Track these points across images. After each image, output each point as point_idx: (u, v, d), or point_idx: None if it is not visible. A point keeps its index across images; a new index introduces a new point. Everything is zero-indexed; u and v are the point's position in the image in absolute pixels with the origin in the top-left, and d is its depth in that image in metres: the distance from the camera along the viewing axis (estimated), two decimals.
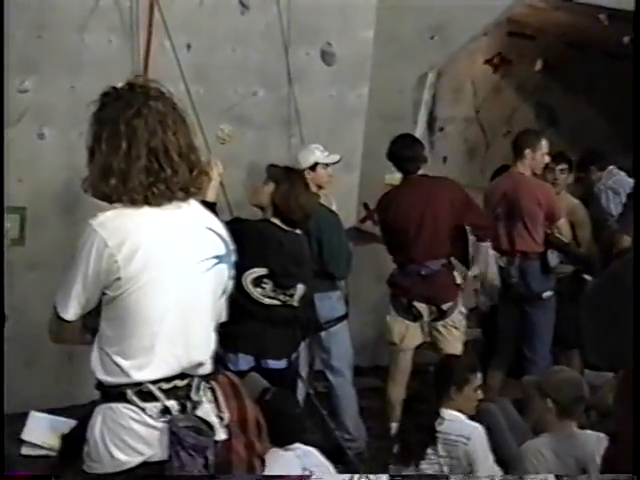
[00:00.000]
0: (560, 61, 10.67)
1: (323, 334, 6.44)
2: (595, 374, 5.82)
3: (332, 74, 7.66)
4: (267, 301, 5.36)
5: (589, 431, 4.77)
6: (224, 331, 3.31)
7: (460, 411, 5.06)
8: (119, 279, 2.97)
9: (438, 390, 5.11)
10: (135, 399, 3.01)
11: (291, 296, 5.43)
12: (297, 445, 4.62)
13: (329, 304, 6.42)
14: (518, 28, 10.21)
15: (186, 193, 3.11)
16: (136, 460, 3.01)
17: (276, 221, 5.45)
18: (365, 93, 7.85)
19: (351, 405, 6.57)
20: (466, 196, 6.53)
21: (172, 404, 3.05)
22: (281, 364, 5.46)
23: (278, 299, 5.38)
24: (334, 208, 6.73)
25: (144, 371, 3.01)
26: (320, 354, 6.54)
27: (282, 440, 4.47)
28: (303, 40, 7.36)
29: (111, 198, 3.04)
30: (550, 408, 4.72)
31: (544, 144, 6.97)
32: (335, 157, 6.60)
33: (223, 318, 3.34)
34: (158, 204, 3.04)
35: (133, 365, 3.00)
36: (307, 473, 4.49)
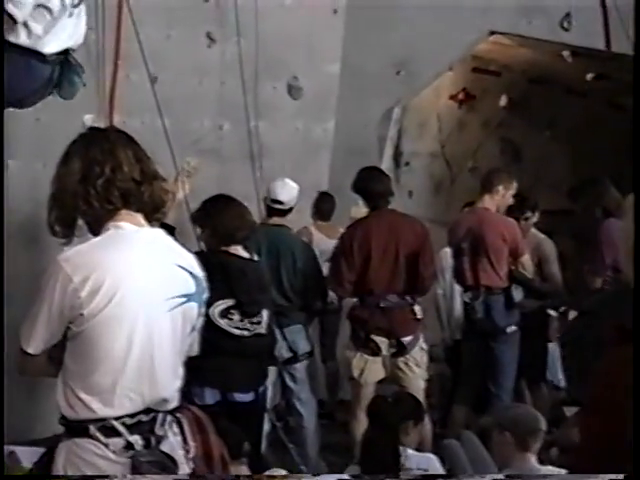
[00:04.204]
0: (524, 97, 10.78)
1: (297, 365, 6.45)
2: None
3: (298, 108, 7.70)
4: (236, 332, 5.37)
5: (550, 467, 4.80)
6: (190, 364, 3.30)
7: (408, 446, 5.07)
8: (82, 315, 2.98)
9: (396, 424, 5.11)
10: (98, 435, 3.01)
11: (258, 323, 5.45)
12: None
13: (304, 336, 6.45)
14: (483, 64, 10.31)
15: (153, 208, 3.16)
16: None
17: (234, 251, 5.46)
18: (331, 127, 7.89)
19: (317, 438, 6.58)
20: (426, 243, 6.52)
21: (135, 439, 3.04)
22: (248, 397, 5.45)
23: (246, 329, 5.39)
24: (315, 238, 6.80)
25: (107, 407, 3.01)
26: (292, 385, 6.53)
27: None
28: (270, 74, 7.39)
29: (91, 205, 3.07)
30: (509, 441, 4.75)
31: (514, 185, 7.01)
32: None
33: (194, 352, 3.34)
34: (135, 205, 3.10)
35: (96, 401, 3.01)
36: None
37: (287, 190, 6.53)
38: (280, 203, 6.51)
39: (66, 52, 5.27)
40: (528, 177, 9.34)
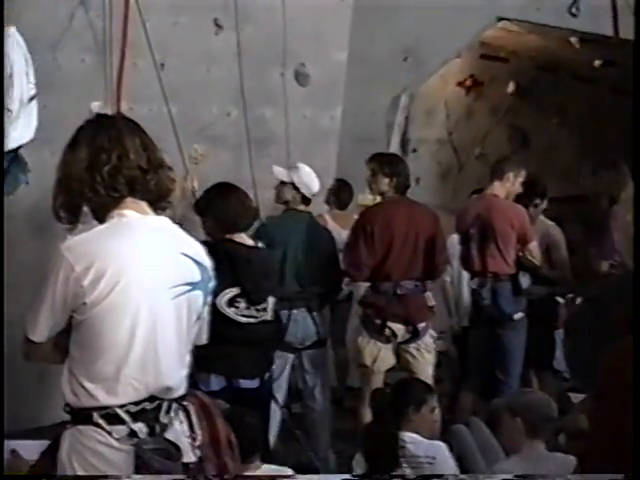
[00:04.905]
0: (532, 84, 10.76)
1: (318, 351, 6.50)
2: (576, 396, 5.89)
3: (306, 95, 7.68)
4: (243, 320, 5.38)
5: (558, 453, 4.79)
6: (197, 352, 3.30)
7: (418, 433, 5.06)
8: (84, 304, 2.99)
9: (396, 412, 5.12)
10: (101, 422, 3.02)
11: (264, 310, 5.47)
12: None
13: (321, 323, 6.51)
14: (491, 51, 10.30)
15: (159, 197, 3.16)
16: None
17: (239, 239, 5.47)
18: (338, 114, 7.87)
19: (329, 423, 6.62)
20: (439, 230, 6.59)
21: (139, 427, 3.05)
22: (253, 383, 5.46)
23: (253, 316, 5.42)
24: (329, 227, 6.84)
25: (111, 395, 3.02)
26: (310, 370, 6.56)
27: (244, 453, 4.43)
28: (277, 61, 7.37)
29: (97, 192, 3.07)
30: (520, 427, 4.74)
31: (524, 172, 7.02)
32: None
33: (203, 341, 3.35)
34: (140, 190, 3.10)
35: (100, 389, 3.02)
36: None
37: (317, 180, 6.59)
38: (314, 195, 6.61)
39: (16, 148, 5.33)
40: (536, 164, 9.32)
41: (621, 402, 3.21)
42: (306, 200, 6.56)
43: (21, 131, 5.44)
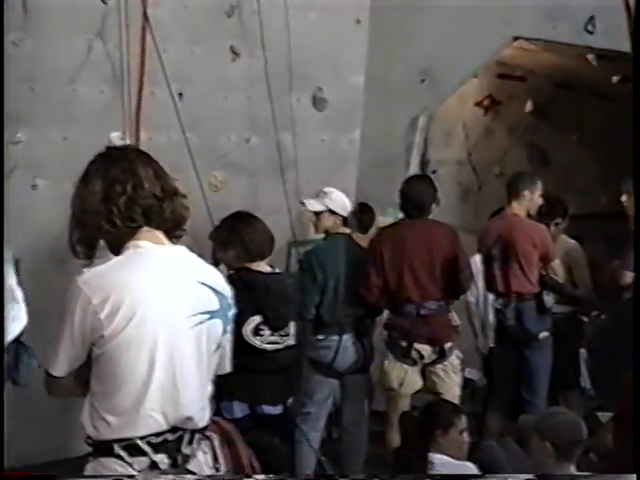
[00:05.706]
0: (550, 102, 10.74)
1: (361, 376, 6.57)
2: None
3: (324, 119, 7.69)
4: (270, 347, 5.39)
5: (588, 474, 4.74)
6: (220, 380, 3.29)
7: (447, 455, 5.03)
8: (103, 336, 2.98)
9: (424, 434, 5.09)
10: (122, 454, 3.02)
11: (287, 335, 5.47)
12: None
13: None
14: (508, 70, 10.29)
15: (174, 225, 3.16)
16: None
17: (256, 267, 5.47)
18: (357, 138, 7.88)
19: (364, 451, 6.61)
20: (459, 247, 6.56)
21: (161, 458, 3.04)
22: (276, 410, 5.46)
23: (277, 342, 5.42)
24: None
25: (131, 428, 3.01)
26: (354, 394, 6.60)
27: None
28: (294, 86, 7.39)
29: (114, 224, 3.07)
30: (549, 451, 4.68)
31: (539, 185, 7.01)
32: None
33: (226, 370, 3.34)
34: (156, 220, 3.11)
35: (120, 421, 3.01)
36: None
37: (347, 198, 6.67)
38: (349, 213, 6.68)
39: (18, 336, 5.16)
40: (557, 182, 9.28)
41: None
42: (345, 221, 6.61)
43: (20, 315, 5.18)
